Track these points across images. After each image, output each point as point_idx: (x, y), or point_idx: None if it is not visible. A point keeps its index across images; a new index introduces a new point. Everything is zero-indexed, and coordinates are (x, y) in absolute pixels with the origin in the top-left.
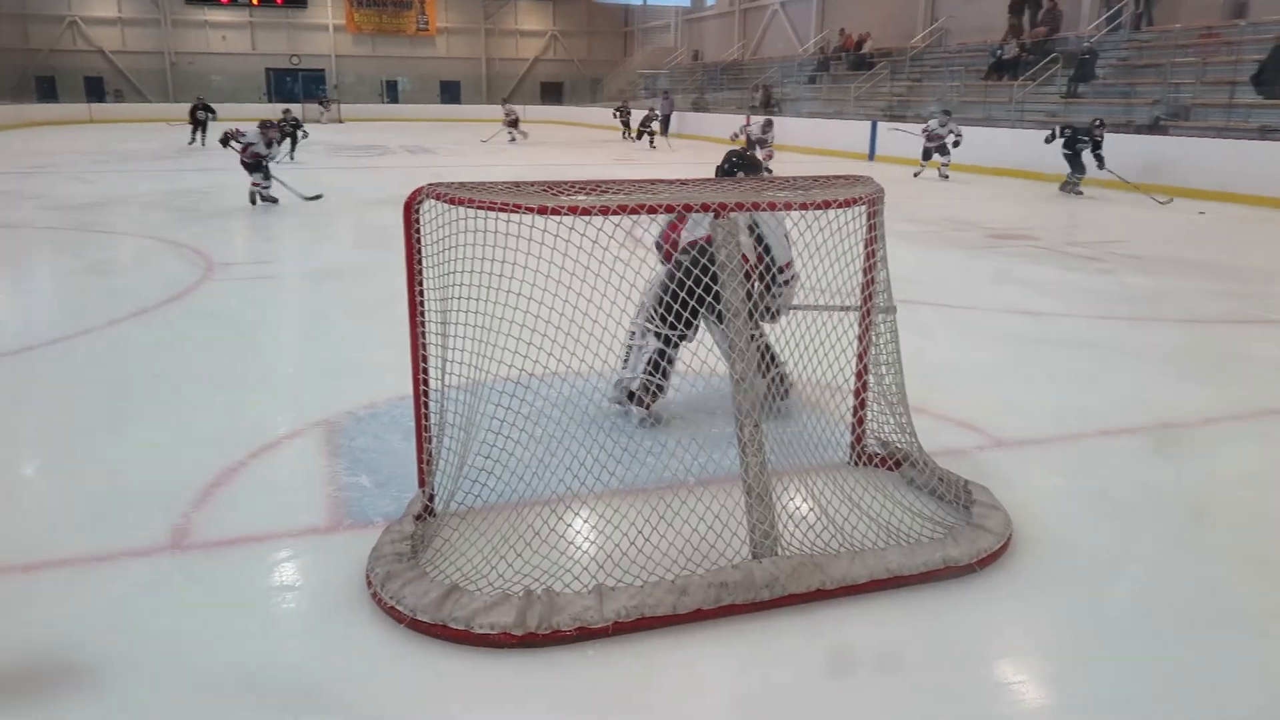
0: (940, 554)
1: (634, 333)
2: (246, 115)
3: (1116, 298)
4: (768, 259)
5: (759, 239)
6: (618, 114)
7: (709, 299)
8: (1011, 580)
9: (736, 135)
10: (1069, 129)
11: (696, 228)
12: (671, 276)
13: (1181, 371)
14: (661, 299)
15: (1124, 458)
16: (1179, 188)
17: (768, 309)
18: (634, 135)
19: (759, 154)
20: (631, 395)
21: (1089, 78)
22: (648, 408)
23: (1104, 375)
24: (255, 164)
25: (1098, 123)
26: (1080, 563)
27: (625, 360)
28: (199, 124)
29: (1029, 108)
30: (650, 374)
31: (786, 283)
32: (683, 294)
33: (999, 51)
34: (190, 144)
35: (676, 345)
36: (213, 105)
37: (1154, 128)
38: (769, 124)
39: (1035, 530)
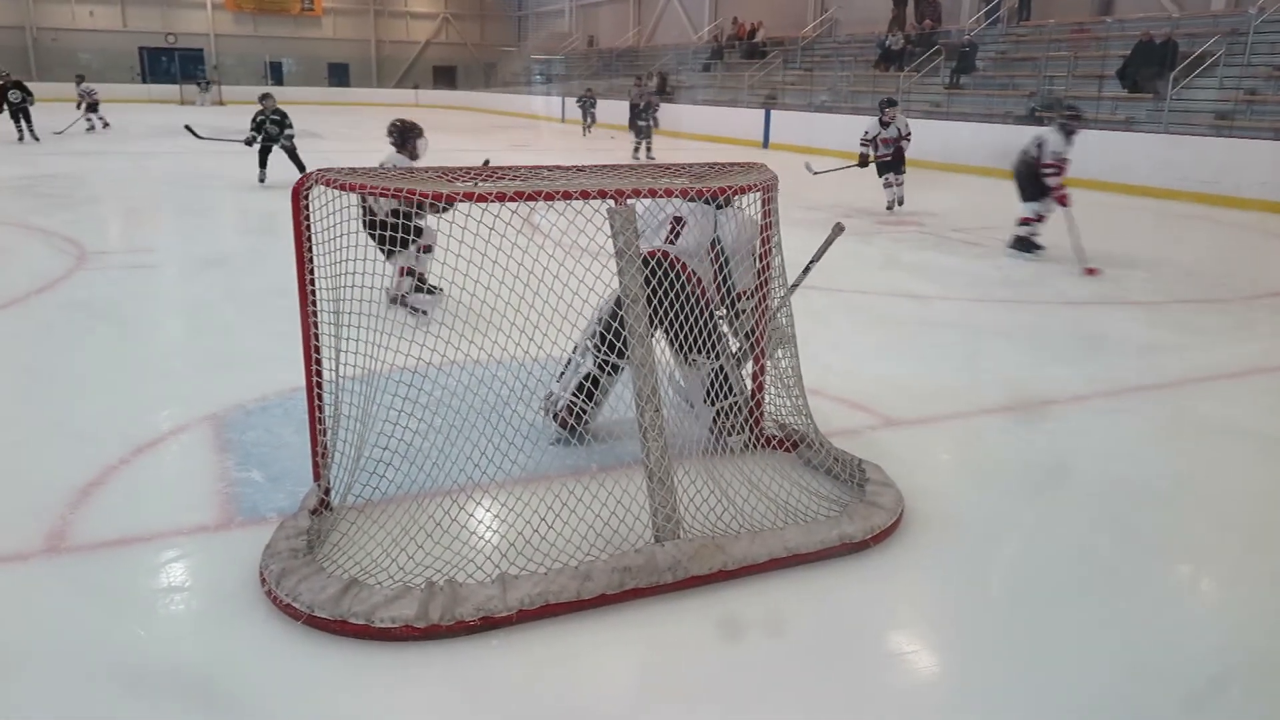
0: (836, 531)
1: (577, 347)
2: (118, 97)
3: (995, 281)
4: (726, 285)
5: (718, 254)
6: (583, 103)
7: (659, 322)
8: (904, 554)
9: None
10: None
11: (652, 238)
12: (619, 302)
13: (1054, 351)
14: (608, 322)
15: (1005, 435)
16: None
17: (747, 334)
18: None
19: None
20: (556, 415)
21: (970, 70)
22: (570, 429)
23: (984, 356)
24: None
25: None
26: (967, 535)
27: (561, 374)
28: (18, 111)
29: (915, 98)
30: (576, 396)
31: (741, 314)
32: (609, 336)
33: (886, 42)
34: (20, 140)
35: (617, 371)
36: (28, 85)
37: (1029, 119)
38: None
39: (925, 505)
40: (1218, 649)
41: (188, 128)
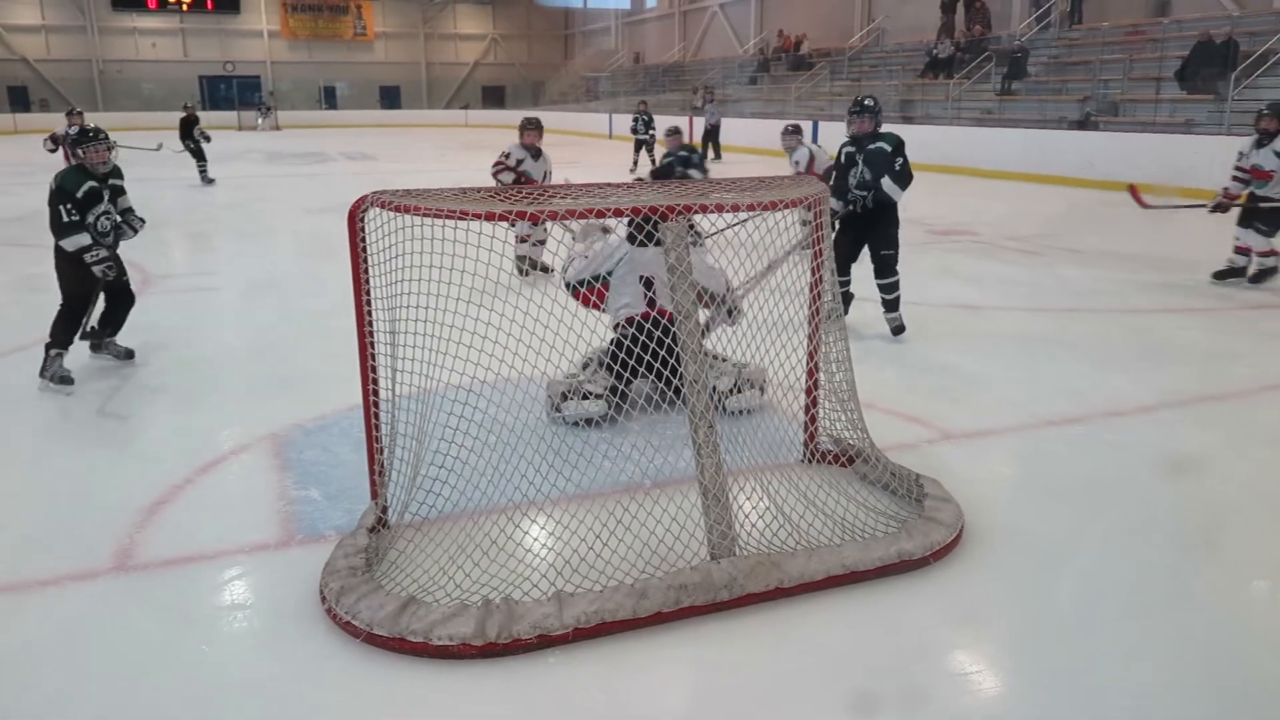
0: (895, 548)
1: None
2: (179, 125)
3: (1054, 290)
4: (706, 296)
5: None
6: (637, 122)
7: (647, 370)
8: (965, 571)
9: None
10: None
11: (632, 301)
12: (614, 356)
13: (1117, 361)
14: (609, 366)
15: (1067, 447)
16: (1112, 181)
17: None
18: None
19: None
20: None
21: (1021, 75)
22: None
23: (1045, 367)
24: None
25: None
26: (1030, 551)
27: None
28: (197, 147)
29: (965, 105)
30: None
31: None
32: (619, 368)
33: (934, 50)
34: (206, 181)
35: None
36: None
37: (1085, 124)
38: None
39: (986, 521)
40: None
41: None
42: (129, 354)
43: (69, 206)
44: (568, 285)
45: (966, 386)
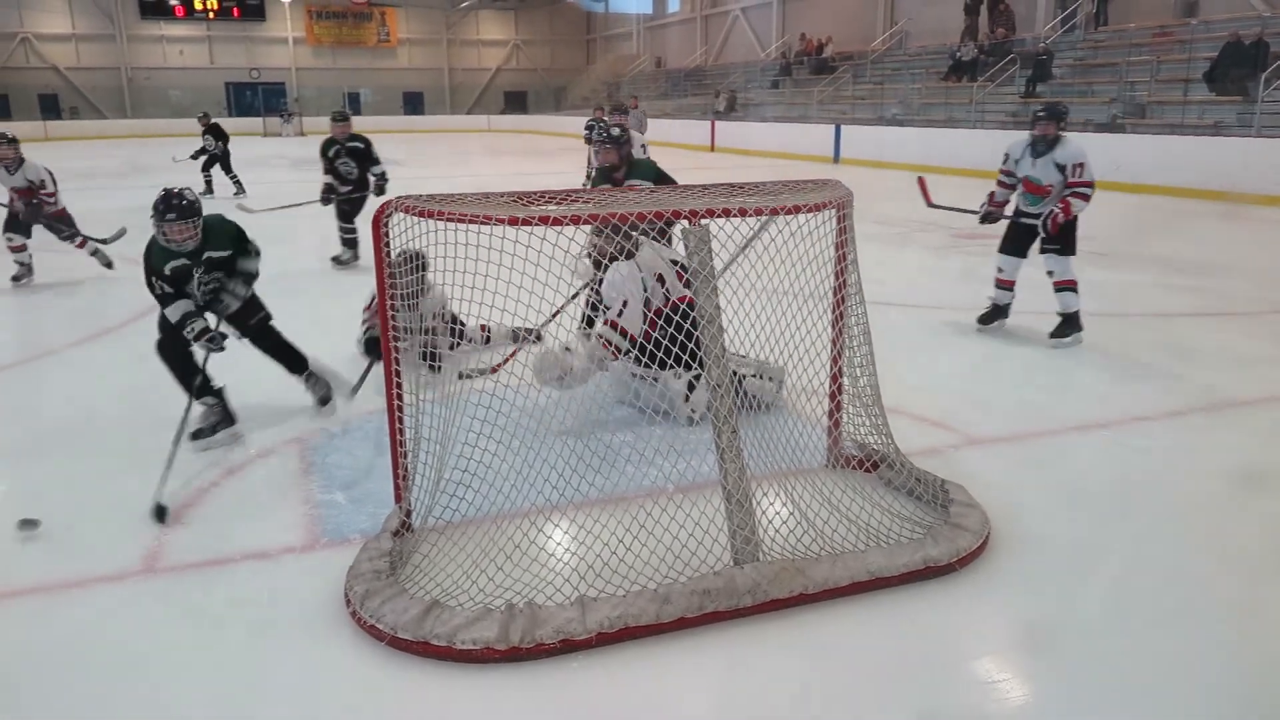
0: (920, 554)
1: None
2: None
3: (1082, 293)
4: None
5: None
6: (592, 130)
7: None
8: (991, 578)
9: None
10: None
11: (654, 299)
12: (644, 351)
13: (1145, 365)
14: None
15: (1095, 452)
16: (1139, 185)
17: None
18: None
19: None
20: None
21: (1046, 78)
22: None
23: (1072, 371)
24: None
25: None
26: (1057, 558)
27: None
28: (210, 156)
29: (989, 108)
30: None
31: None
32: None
33: (957, 53)
34: (204, 192)
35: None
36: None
37: (1112, 126)
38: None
39: (1012, 527)
40: None
41: None
42: (324, 401)
43: (155, 280)
44: (617, 329)
45: (992, 390)
